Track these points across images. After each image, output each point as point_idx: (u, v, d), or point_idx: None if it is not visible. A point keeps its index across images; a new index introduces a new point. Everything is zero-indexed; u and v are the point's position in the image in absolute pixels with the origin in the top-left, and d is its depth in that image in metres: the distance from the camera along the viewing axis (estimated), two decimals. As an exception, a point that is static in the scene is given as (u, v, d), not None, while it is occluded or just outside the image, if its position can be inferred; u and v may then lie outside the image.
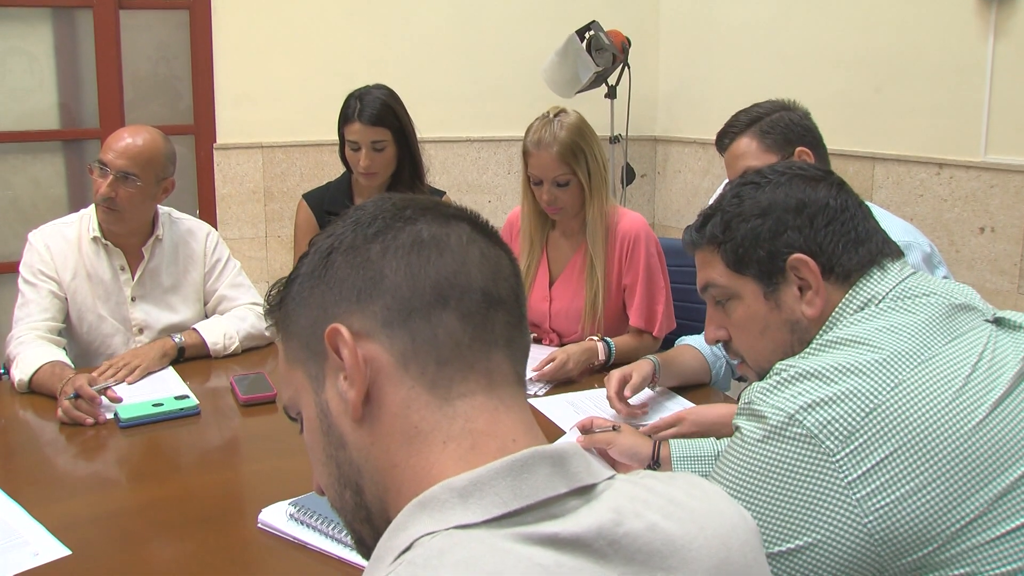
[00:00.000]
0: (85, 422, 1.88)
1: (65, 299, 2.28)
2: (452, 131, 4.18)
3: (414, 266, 0.71)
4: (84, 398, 1.90)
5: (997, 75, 2.99)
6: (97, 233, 2.29)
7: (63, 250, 2.29)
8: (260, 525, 1.45)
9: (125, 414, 1.89)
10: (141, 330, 2.35)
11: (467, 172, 4.28)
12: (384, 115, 2.58)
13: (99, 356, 2.31)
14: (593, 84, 3.91)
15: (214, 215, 3.92)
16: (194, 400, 1.98)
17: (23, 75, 3.73)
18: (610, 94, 4.03)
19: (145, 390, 2.06)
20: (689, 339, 2.16)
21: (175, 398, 1.98)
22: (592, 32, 3.85)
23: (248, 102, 3.90)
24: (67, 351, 2.23)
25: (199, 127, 3.90)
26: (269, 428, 1.92)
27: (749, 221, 1.23)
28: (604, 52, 3.84)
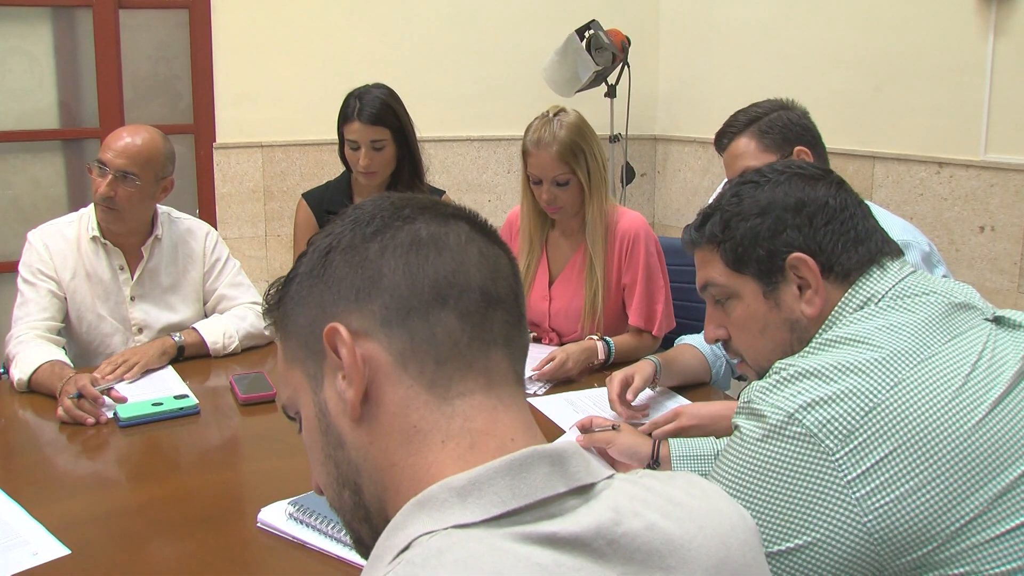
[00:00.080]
0: (86, 422, 1.88)
1: (64, 299, 2.28)
2: (452, 130, 4.18)
3: (413, 265, 0.71)
4: (87, 398, 1.90)
5: (997, 74, 2.99)
6: (96, 233, 2.29)
7: (62, 249, 2.29)
8: (259, 524, 1.45)
9: (125, 413, 1.89)
10: (140, 329, 2.35)
11: (467, 171, 4.28)
12: (383, 114, 2.58)
13: (98, 356, 2.31)
14: (593, 83, 3.91)
15: (214, 214, 3.92)
16: (194, 400, 1.98)
17: (23, 75, 3.73)
18: (610, 93, 4.03)
19: (145, 390, 2.06)
20: (689, 338, 2.16)
21: (175, 397, 1.98)
22: (592, 31, 3.84)
23: (248, 102, 3.90)
24: (66, 351, 2.23)
25: (199, 126, 3.90)
26: (269, 427, 1.92)
27: (748, 220, 1.23)
28: (604, 51, 3.84)
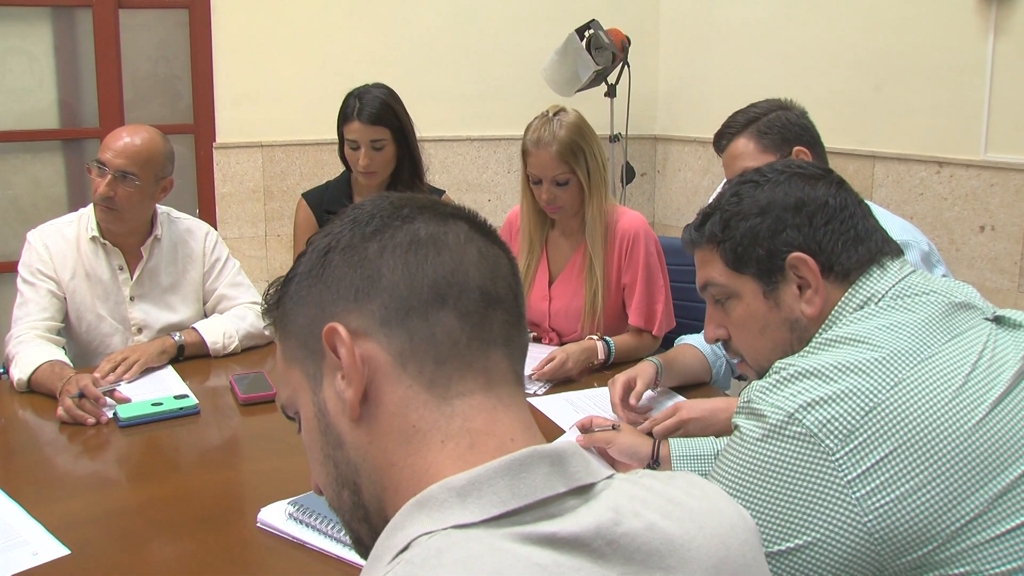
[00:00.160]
0: (87, 422, 1.88)
1: (64, 299, 2.28)
2: (452, 130, 4.18)
3: (412, 265, 0.71)
4: (89, 397, 1.90)
5: (997, 73, 2.99)
6: (96, 233, 2.29)
7: (62, 250, 2.29)
8: (259, 524, 1.45)
9: (124, 413, 1.89)
10: (140, 330, 2.35)
11: (467, 171, 4.28)
12: (383, 114, 2.58)
13: (98, 356, 2.31)
14: (593, 83, 3.91)
15: (214, 214, 3.92)
16: (193, 400, 1.98)
17: (23, 74, 3.73)
18: (610, 93, 4.02)
19: (145, 390, 2.06)
20: (689, 338, 2.15)
21: (174, 397, 1.98)
22: (592, 31, 3.84)
23: (248, 101, 3.90)
24: (66, 351, 2.23)
25: (199, 126, 3.90)
26: (268, 427, 1.92)
27: (748, 220, 1.23)
28: (604, 51, 3.84)
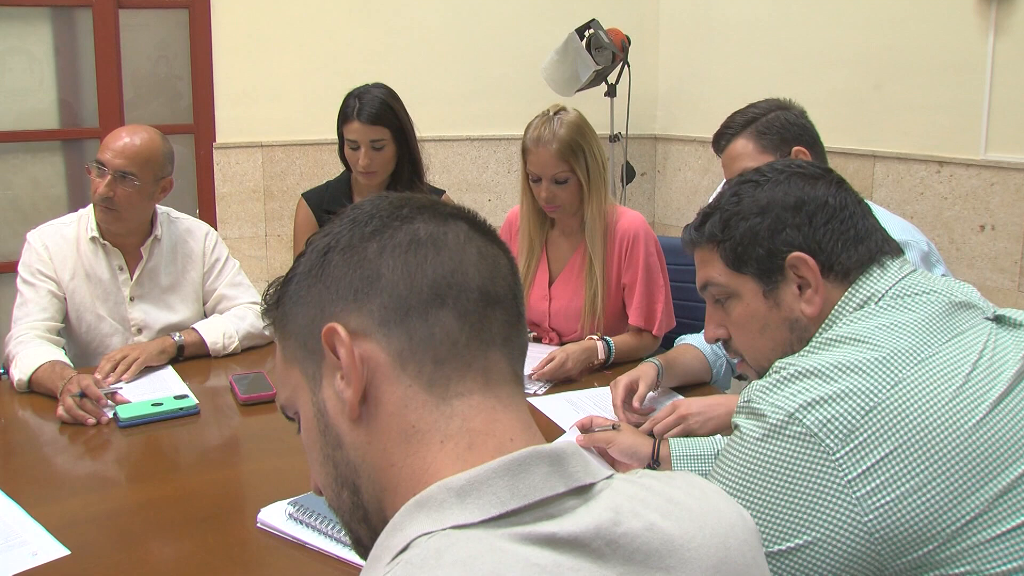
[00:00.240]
0: (87, 422, 1.88)
1: (64, 299, 2.28)
2: (452, 130, 4.18)
3: (411, 265, 0.71)
4: (90, 397, 1.90)
5: (997, 72, 2.98)
6: (95, 233, 2.29)
7: (61, 250, 2.29)
8: (259, 524, 1.45)
9: (124, 414, 1.89)
10: (140, 330, 2.35)
11: (467, 171, 4.28)
12: (383, 114, 2.58)
13: (98, 356, 2.31)
14: (593, 83, 3.91)
15: (214, 214, 3.92)
16: (193, 400, 1.98)
17: (23, 74, 3.73)
18: (610, 92, 4.02)
19: (145, 390, 2.06)
20: (689, 338, 2.15)
21: (174, 398, 1.98)
22: (592, 30, 3.84)
23: (247, 101, 3.90)
24: (66, 351, 2.23)
25: (199, 126, 3.90)
26: (268, 427, 1.92)
27: (748, 219, 1.23)
28: (604, 50, 3.84)
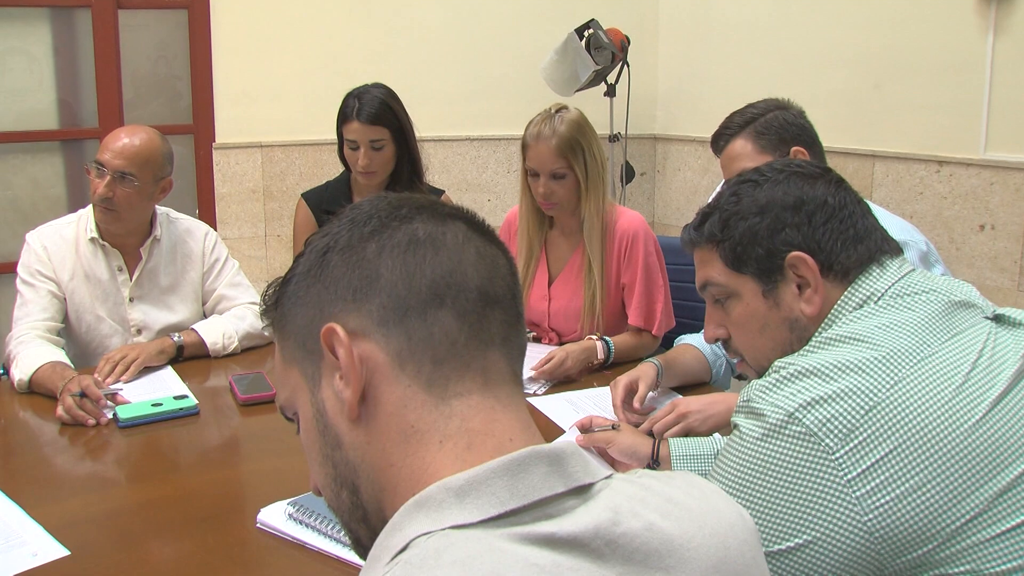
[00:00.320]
0: (87, 422, 1.88)
1: (64, 299, 2.28)
2: (451, 130, 4.18)
3: (410, 265, 0.71)
4: (90, 398, 1.90)
5: (997, 72, 2.99)
6: (95, 234, 2.29)
7: (61, 250, 2.29)
8: (259, 525, 1.45)
9: (124, 414, 1.89)
10: (139, 330, 2.35)
11: (466, 171, 4.28)
12: (383, 114, 2.58)
13: (97, 357, 2.30)
14: (592, 83, 3.91)
15: (213, 214, 3.92)
16: (193, 400, 1.98)
17: (22, 75, 3.73)
18: (609, 92, 4.02)
19: (144, 390, 2.06)
20: (689, 338, 2.15)
21: (174, 398, 1.98)
22: (591, 30, 3.84)
23: (247, 101, 3.90)
24: (65, 351, 2.23)
25: (198, 126, 3.90)
26: (268, 428, 1.92)
27: (747, 219, 1.23)
28: (603, 50, 3.84)
